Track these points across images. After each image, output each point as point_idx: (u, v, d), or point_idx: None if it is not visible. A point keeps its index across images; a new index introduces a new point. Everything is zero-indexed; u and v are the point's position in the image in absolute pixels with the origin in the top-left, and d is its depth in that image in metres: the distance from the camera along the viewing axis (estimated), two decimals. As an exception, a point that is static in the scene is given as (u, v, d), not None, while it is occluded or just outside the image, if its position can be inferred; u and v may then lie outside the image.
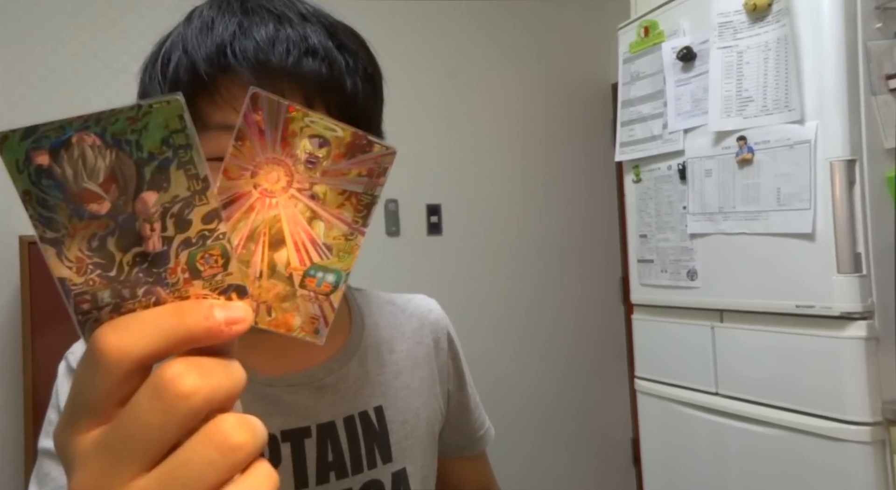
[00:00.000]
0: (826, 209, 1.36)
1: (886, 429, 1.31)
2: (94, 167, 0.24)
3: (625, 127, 1.90)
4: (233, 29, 0.48)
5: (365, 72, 0.53)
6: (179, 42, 0.50)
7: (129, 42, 2.33)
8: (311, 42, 0.49)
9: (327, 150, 0.29)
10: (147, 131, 0.24)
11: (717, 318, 1.63)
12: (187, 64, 0.48)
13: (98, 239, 0.25)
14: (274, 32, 0.48)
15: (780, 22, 1.43)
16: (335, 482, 0.56)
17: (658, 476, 1.86)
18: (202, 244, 0.26)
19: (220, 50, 0.47)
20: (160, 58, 0.51)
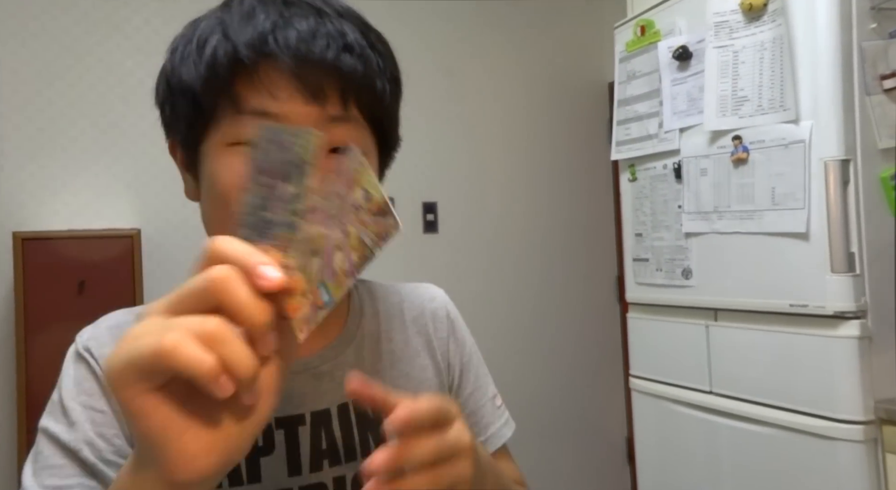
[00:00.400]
0: (820, 209, 1.36)
1: (879, 428, 1.32)
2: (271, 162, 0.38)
3: (621, 126, 1.90)
4: (274, 18, 0.49)
5: (391, 74, 0.55)
6: (218, 26, 0.51)
7: (124, 37, 2.31)
8: (348, 38, 0.50)
9: (367, 203, 0.39)
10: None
11: (712, 316, 1.64)
12: (228, 48, 0.49)
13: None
14: (315, 25, 0.50)
15: (776, 21, 1.44)
16: (328, 469, 0.56)
17: (652, 474, 1.86)
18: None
19: (262, 37, 0.49)
20: (195, 39, 0.51)
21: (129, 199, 2.30)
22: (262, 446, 0.56)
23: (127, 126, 2.30)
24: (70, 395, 0.52)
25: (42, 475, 0.49)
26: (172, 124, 0.54)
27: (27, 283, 1.94)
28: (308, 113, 0.49)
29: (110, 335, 0.55)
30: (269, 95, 0.49)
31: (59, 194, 2.22)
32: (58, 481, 0.48)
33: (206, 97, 0.50)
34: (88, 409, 0.51)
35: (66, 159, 2.23)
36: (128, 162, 2.30)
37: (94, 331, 0.57)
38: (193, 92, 0.50)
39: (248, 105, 0.49)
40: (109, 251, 2.03)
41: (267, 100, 0.49)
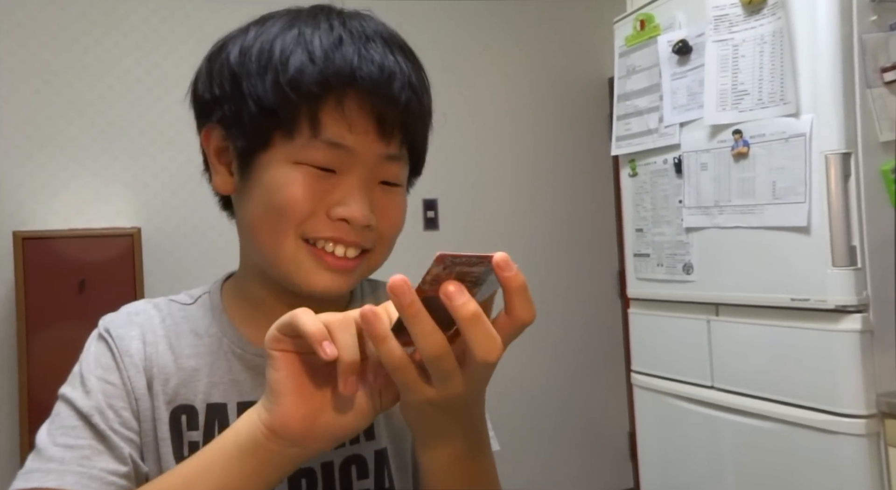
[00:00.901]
0: (821, 202, 1.36)
1: (881, 421, 1.31)
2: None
3: (621, 121, 1.90)
4: (360, 49, 0.52)
5: (431, 107, 0.59)
6: (299, 46, 0.53)
7: (122, 35, 2.31)
8: (413, 79, 0.55)
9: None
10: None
11: (713, 311, 1.64)
12: (314, 74, 0.51)
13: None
14: (391, 65, 0.53)
15: (776, 15, 1.43)
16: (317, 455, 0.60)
17: (654, 469, 1.86)
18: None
19: (350, 70, 0.51)
20: (276, 53, 0.53)
21: (128, 198, 2.30)
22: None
23: (126, 124, 2.29)
24: (89, 368, 0.57)
25: (56, 434, 0.53)
26: (230, 122, 0.55)
27: (28, 283, 1.94)
28: (376, 149, 0.54)
29: (128, 319, 0.60)
30: (346, 127, 0.52)
31: (58, 193, 2.22)
32: (70, 441, 0.52)
33: (285, 113, 0.52)
34: (103, 381, 0.55)
35: (66, 158, 2.23)
36: (127, 161, 2.30)
37: (114, 316, 0.61)
38: (272, 104, 0.52)
39: (326, 132, 0.52)
40: (109, 250, 2.03)
41: (344, 131, 0.52)
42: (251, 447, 0.45)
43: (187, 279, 2.31)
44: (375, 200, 0.55)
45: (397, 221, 0.58)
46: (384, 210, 0.56)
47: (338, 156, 0.53)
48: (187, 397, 0.57)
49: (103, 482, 0.50)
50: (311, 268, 0.54)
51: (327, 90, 0.51)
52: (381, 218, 0.56)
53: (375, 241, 0.57)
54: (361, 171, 0.54)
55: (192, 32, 2.36)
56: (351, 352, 0.42)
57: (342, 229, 0.54)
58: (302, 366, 0.45)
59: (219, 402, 0.57)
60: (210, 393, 0.57)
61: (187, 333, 0.59)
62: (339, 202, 0.53)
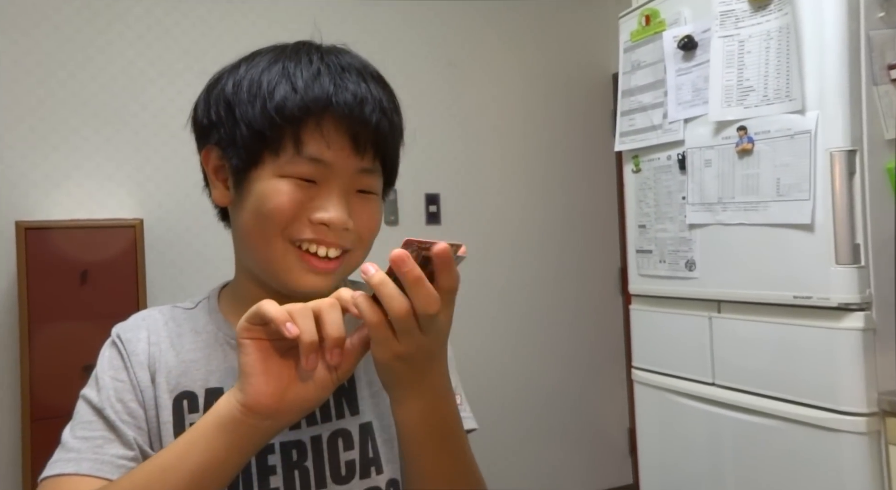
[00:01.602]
0: (826, 200, 1.35)
1: (882, 420, 1.31)
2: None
3: (625, 116, 1.89)
4: (336, 81, 0.62)
5: (401, 130, 0.68)
6: (284, 79, 0.62)
7: (126, 27, 2.30)
8: (384, 105, 0.64)
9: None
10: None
11: (715, 308, 1.63)
12: (297, 101, 0.60)
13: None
14: (363, 92, 0.62)
15: (783, 10, 1.42)
16: (306, 428, 0.66)
17: (654, 465, 1.87)
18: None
19: (327, 97, 0.61)
20: (264, 84, 0.62)
21: (131, 189, 2.30)
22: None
23: (129, 116, 2.29)
24: (103, 369, 0.66)
25: (76, 429, 0.62)
26: (225, 143, 0.64)
27: (30, 273, 1.94)
28: (351, 163, 0.63)
29: (136, 323, 0.70)
30: (325, 145, 0.61)
31: (61, 184, 2.22)
32: (87, 433, 0.62)
33: (272, 135, 0.61)
34: (114, 380, 0.65)
35: (69, 150, 2.23)
36: (130, 152, 2.29)
37: (125, 323, 0.71)
38: (261, 128, 0.61)
39: (306, 150, 0.61)
40: (112, 242, 2.03)
41: (322, 148, 0.61)
42: (230, 423, 0.53)
43: (189, 271, 2.31)
44: (353, 207, 0.64)
45: (373, 225, 0.67)
46: (361, 215, 0.64)
47: (318, 169, 0.61)
48: (188, 385, 0.66)
49: (114, 465, 0.60)
50: (298, 269, 0.63)
51: (308, 114, 0.60)
52: (358, 222, 0.64)
53: (355, 242, 0.65)
54: (339, 181, 0.62)
55: (195, 24, 2.36)
56: (310, 333, 0.51)
57: (322, 231, 0.62)
58: (268, 350, 0.53)
59: (216, 387, 0.66)
60: (208, 379, 0.66)
61: (188, 332, 0.69)
62: (320, 208, 0.62)
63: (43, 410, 1.91)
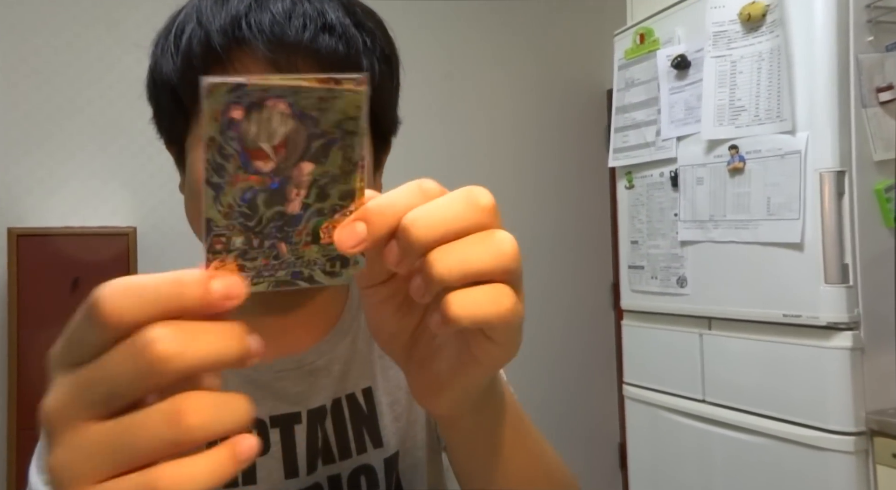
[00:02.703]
0: (815, 219, 1.37)
1: (870, 439, 1.32)
2: (275, 131, 0.27)
3: (618, 133, 1.91)
4: (249, 1, 0.46)
5: (382, 52, 0.52)
6: (194, 13, 0.48)
7: (123, 34, 2.31)
8: (328, 18, 0.47)
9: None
10: (328, 112, 0.27)
11: (706, 325, 1.64)
12: (201, 35, 0.46)
13: (252, 192, 0.27)
14: (291, 6, 0.46)
15: (774, 33, 1.44)
16: (322, 468, 0.55)
17: (644, 481, 1.86)
18: (330, 216, 0.29)
19: (234, 22, 0.46)
20: (174, 30, 0.49)
21: (125, 197, 2.29)
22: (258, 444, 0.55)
23: (125, 123, 2.29)
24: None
25: (42, 469, 0.49)
26: (159, 120, 0.53)
27: (21, 280, 1.93)
28: None
29: None
30: None
31: (55, 191, 2.21)
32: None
33: (183, 90, 0.48)
34: None
35: (63, 156, 2.23)
36: (125, 160, 2.29)
37: None
38: (172, 85, 0.48)
39: None
40: (105, 249, 2.02)
41: None
42: None
43: (181, 280, 2.30)
44: None
45: None
46: None
47: None
48: None
49: None
50: None
51: (211, 50, 0.46)
52: None
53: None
54: None
55: (193, 34, 2.37)
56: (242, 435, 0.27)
57: None
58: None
59: None
60: None
61: None
62: None
63: (31, 419, 1.89)
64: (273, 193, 0.28)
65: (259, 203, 0.28)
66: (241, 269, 0.28)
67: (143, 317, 0.24)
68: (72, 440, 0.25)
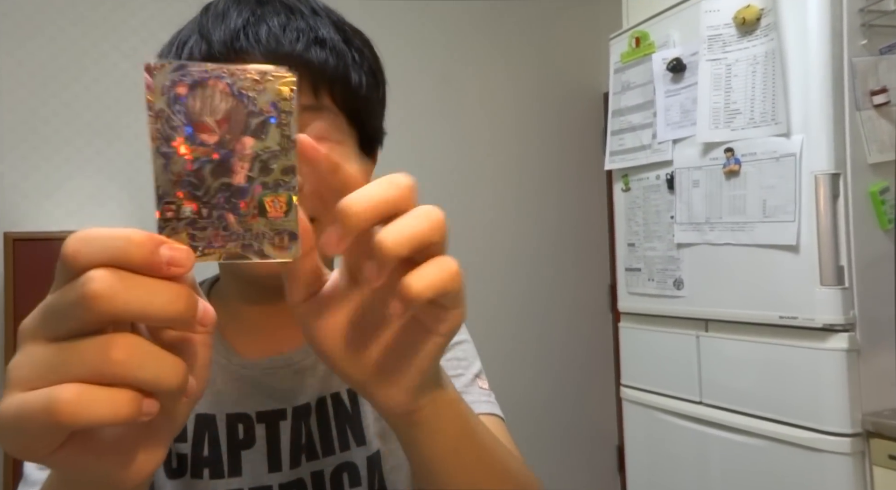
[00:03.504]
0: (810, 222, 1.38)
1: (866, 440, 1.32)
2: (217, 107, 0.30)
3: (615, 136, 1.92)
4: (247, 16, 0.51)
5: (369, 67, 0.56)
6: (196, 28, 0.53)
7: (120, 39, 2.32)
8: (320, 33, 0.52)
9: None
10: (264, 93, 0.31)
11: (703, 327, 1.65)
12: (202, 46, 0.51)
13: (199, 163, 0.30)
14: (286, 21, 0.51)
15: (769, 36, 1.45)
16: (305, 464, 0.57)
17: (642, 483, 1.86)
18: (274, 190, 0.31)
19: (233, 34, 0.50)
20: (176, 43, 0.53)
21: (122, 201, 2.29)
22: (242, 439, 0.56)
23: (122, 128, 2.29)
24: None
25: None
26: None
27: (18, 285, 1.93)
28: None
29: None
30: None
31: (52, 195, 2.21)
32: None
33: None
34: None
35: (60, 161, 2.23)
36: (122, 164, 2.29)
37: None
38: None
39: None
40: (101, 253, 2.02)
41: None
42: None
43: (179, 284, 2.30)
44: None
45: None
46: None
47: None
48: None
49: None
50: None
51: (212, 60, 0.49)
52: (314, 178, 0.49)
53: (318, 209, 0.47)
54: None
55: (190, 38, 2.37)
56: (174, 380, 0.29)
57: None
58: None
59: (207, 413, 0.56)
60: (198, 403, 0.54)
61: None
62: None
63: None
64: (218, 165, 0.30)
65: (206, 173, 0.30)
66: (191, 238, 0.31)
67: (92, 262, 0.28)
68: (24, 351, 0.29)
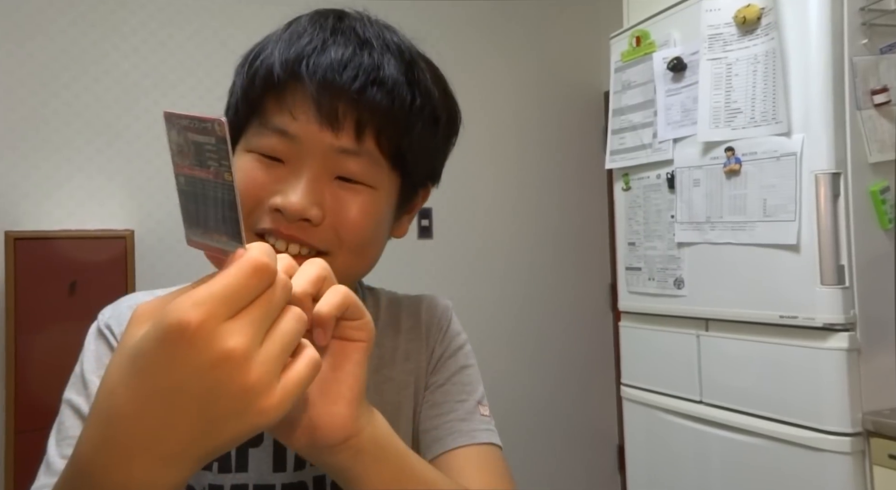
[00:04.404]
0: (811, 221, 1.38)
1: (866, 439, 1.32)
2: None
3: (615, 135, 1.91)
4: (316, 43, 0.52)
5: (432, 112, 0.56)
6: (271, 43, 0.54)
7: (121, 39, 2.32)
8: (382, 72, 0.52)
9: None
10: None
11: (703, 326, 1.65)
12: (268, 65, 0.52)
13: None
14: (350, 55, 0.51)
15: (769, 35, 1.45)
16: (309, 468, 0.58)
17: (643, 482, 1.86)
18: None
19: (297, 59, 0.51)
20: (253, 52, 0.56)
21: (122, 200, 2.29)
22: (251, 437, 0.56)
23: (122, 127, 2.29)
24: (91, 369, 0.55)
25: (63, 445, 0.52)
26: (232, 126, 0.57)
27: (18, 283, 1.93)
28: (321, 139, 0.51)
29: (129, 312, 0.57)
30: (289, 116, 0.51)
31: (52, 194, 2.21)
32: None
33: (243, 106, 0.54)
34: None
35: (61, 160, 2.23)
36: (122, 163, 2.29)
37: (114, 310, 0.60)
38: (238, 96, 0.55)
39: (270, 121, 0.52)
40: (102, 252, 2.02)
41: (287, 119, 0.51)
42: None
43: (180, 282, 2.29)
44: (329, 196, 0.52)
45: (356, 222, 0.53)
46: (339, 208, 0.52)
47: (284, 144, 0.51)
48: None
49: None
50: None
51: (270, 80, 0.52)
52: (336, 216, 0.52)
53: (331, 242, 0.53)
54: (311, 162, 0.51)
55: (189, 37, 2.37)
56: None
57: (278, 220, 0.51)
58: None
59: None
60: None
61: None
62: (279, 191, 0.51)
63: (28, 422, 1.89)
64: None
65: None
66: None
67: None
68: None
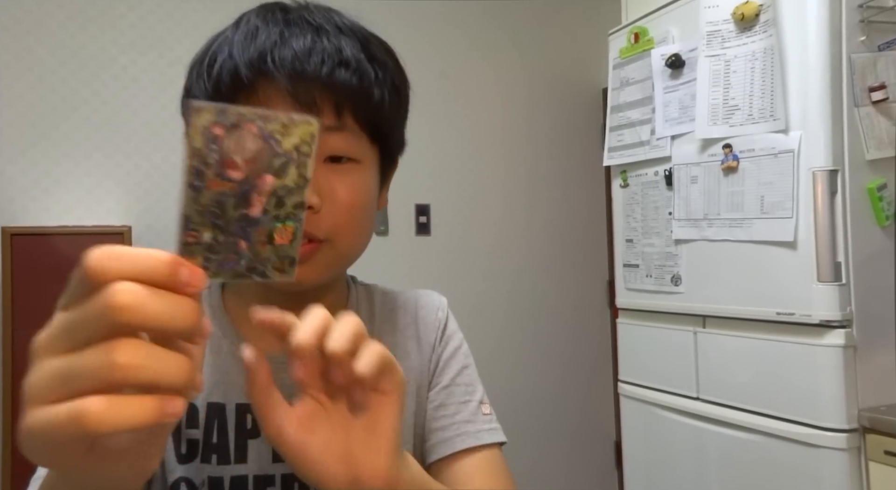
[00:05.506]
0: (808, 218, 1.38)
1: (862, 436, 1.33)
2: (246, 147, 0.34)
3: (613, 132, 1.91)
4: (274, 38, 0.52)
5: (392, 83, 0.58)
6: (226, 45, 0.54)
7: (119, 34, 2.31)
8: (344, 54, 0.53)
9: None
10: (289, 137, 0.35)
11: (700, 323, 1.65)
12: (231, 66, 0.52)
13: (223, 196, 0.34)
14: (311, 43, 0.52)
15: (768, 32, 1.45)
16: None
17: (640, 479, 1.87)
18: (284, 221, 0.36)
19: (261, 57, 0.52)
20: (207, 58, 0.55)
21: (120, 196, 2.29)
22: (250, 429, 0.58)
23: (120, 123, 2.29)
24: None
25: None
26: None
27: (15, 279, 1.93)
28: None
29: None
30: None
31: (49, 191, 2.21)
32: None
33: None
34: None
35: (58, 156, 2.22)
36: (120, 159, 2.29)
37: None
38: None
39: None
40: (99, 248, 2.02)
41: None
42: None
43: (177, 279, 2.30)
44: (321, 181, 0.53)
45: (352, 202, 0.54)
46: (333, 192, 0.53)
47: None
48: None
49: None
50: None
51: (239, 80, 0.52)
52: (332, 202, 0.53)
53: (332, 230, 0.54)
54: None
55: (188, 32, 2.36)
56: (183, 378, 0.32)
57: None
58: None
59: (218, 402, 0.58)
60: (211, 392, 0.58)
61: None
62: None
63: (25, 418, 1.89)
64: (240, 198, 0.35)
65: (228, 205, 0.35)
66: (205, 260, 0.35)
67: (120, 276, 0.29)
68: (39, 367, 0.30)
